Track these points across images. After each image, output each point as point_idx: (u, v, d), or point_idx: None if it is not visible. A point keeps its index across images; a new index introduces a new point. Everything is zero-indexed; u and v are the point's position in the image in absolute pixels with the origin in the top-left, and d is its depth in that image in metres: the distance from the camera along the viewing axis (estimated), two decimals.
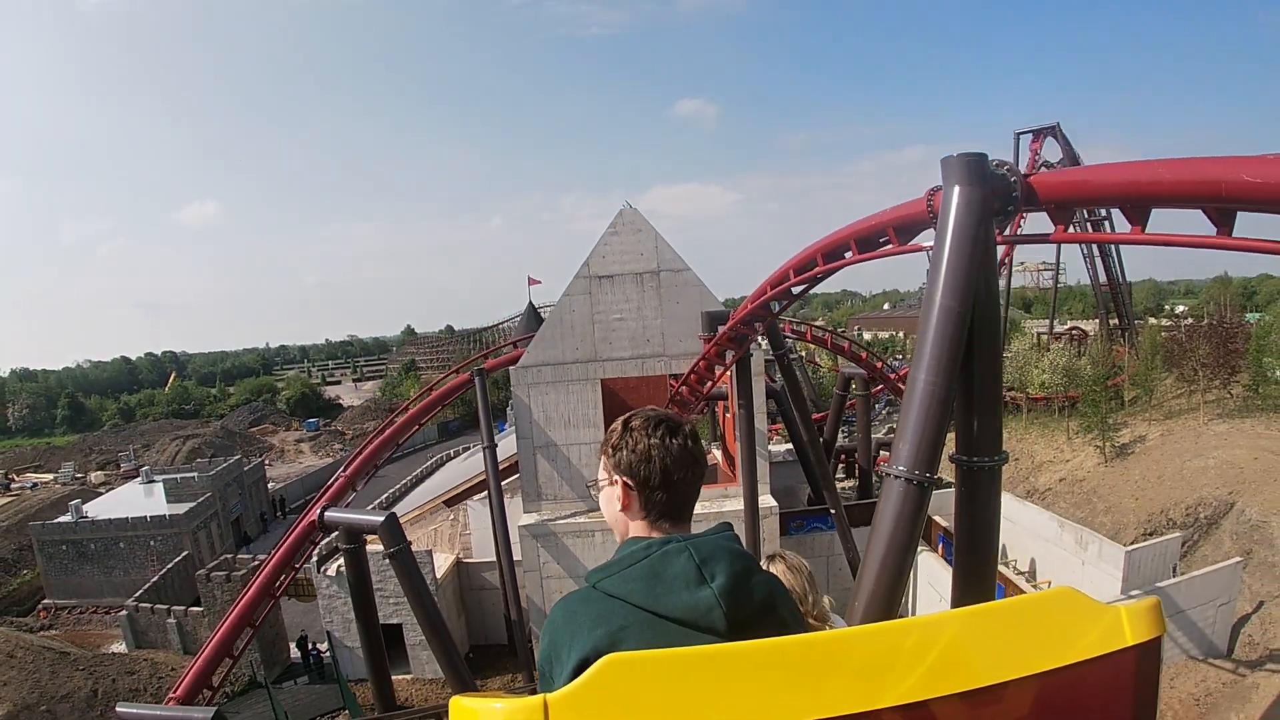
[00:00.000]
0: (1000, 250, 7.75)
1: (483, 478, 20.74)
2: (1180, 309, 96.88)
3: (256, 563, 21.25)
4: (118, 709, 11.68)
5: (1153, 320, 76.31)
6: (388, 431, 19.21)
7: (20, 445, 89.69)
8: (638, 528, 1.50)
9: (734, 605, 1.28)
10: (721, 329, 15.03)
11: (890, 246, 8.95)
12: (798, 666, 0.98)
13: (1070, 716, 1.08)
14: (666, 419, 1.53)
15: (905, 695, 0.96)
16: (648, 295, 17.95)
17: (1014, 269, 75.39)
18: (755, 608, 1.33)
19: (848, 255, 9.98)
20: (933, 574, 17.26)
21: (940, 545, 18.17)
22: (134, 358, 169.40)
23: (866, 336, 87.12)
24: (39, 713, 19.83)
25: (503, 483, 19.57)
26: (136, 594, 24.21)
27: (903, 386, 12.86)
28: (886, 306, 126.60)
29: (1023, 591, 16.06)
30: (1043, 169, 48.54)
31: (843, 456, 29.43)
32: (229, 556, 22.63)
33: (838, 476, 28.42)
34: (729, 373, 16.87)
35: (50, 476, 63.42)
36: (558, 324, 18.35)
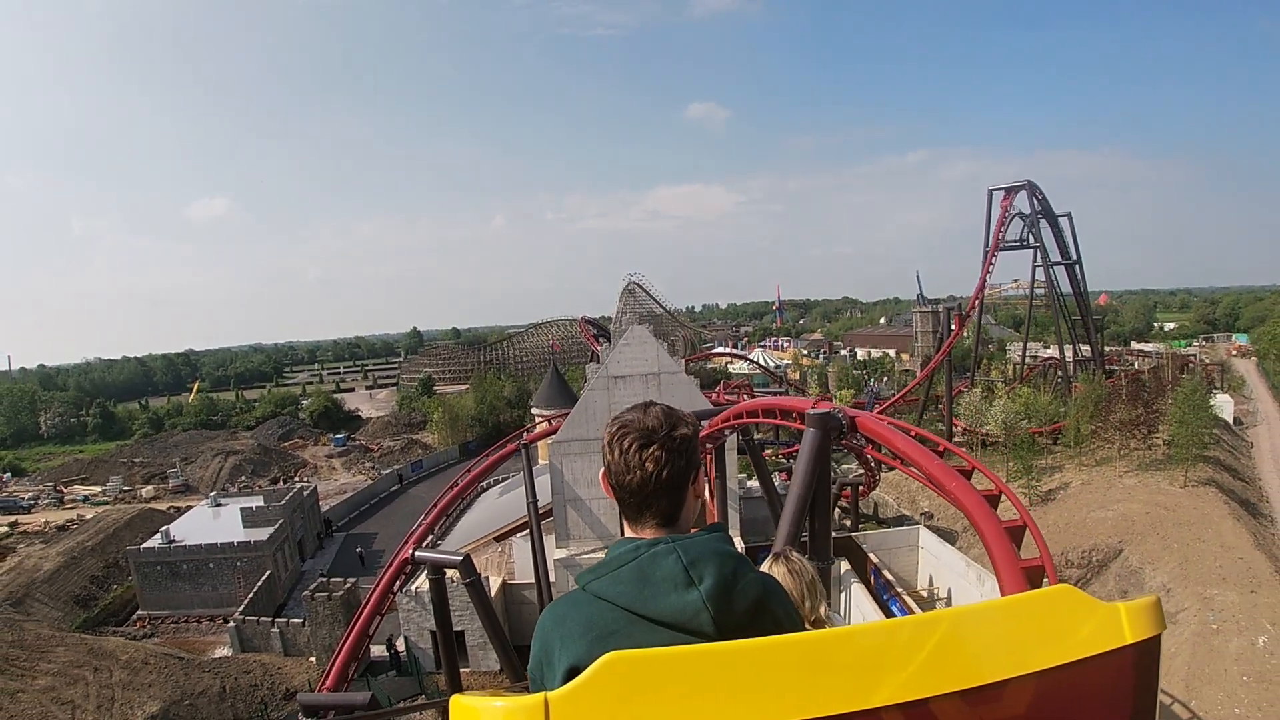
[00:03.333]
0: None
1: (524, 519, 27.40)
2: (1170, 326, 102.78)
3: (349, 585, 28.01)
4: (299, 697, 18.23)
5: (1135, 344, 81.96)
6: (455, 490, 25.86)
7: (53, 452, 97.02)
8: (627, 525, 1.61)
9: (721, 608, 1.33)
10: (704, 426, 21.54)
11: (796, 420, 15.49)
12: (796, 664, 1.01)
13: (1069, 714, 1.10)
14: (630, 427, 1.56)
15: (902, 693, 0.99)
16: (650, 390, 24.54)
17: (1009, 284, 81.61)
18: (744, 610, 1.37)
19: (776, 416, 16.49)
20: (860, 604, 23.61)
21: (872, 577, 24.59)
22: (144, 355, 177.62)
23: (860, 354, 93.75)
24: (184, 707, 26.62)
25: (541, 523, 26.34)
26: (241, 607, 31.02)
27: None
28: (883, 321, 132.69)
29: None
30: (1015, 219, 54.81)
31: None
32: (324, 579, 29.35)
33: None
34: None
35: (98, 489, 70.06)
36: (583, 410, 25.02)
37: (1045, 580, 10.30)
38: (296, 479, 66.03)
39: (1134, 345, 79.38)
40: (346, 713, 16.34)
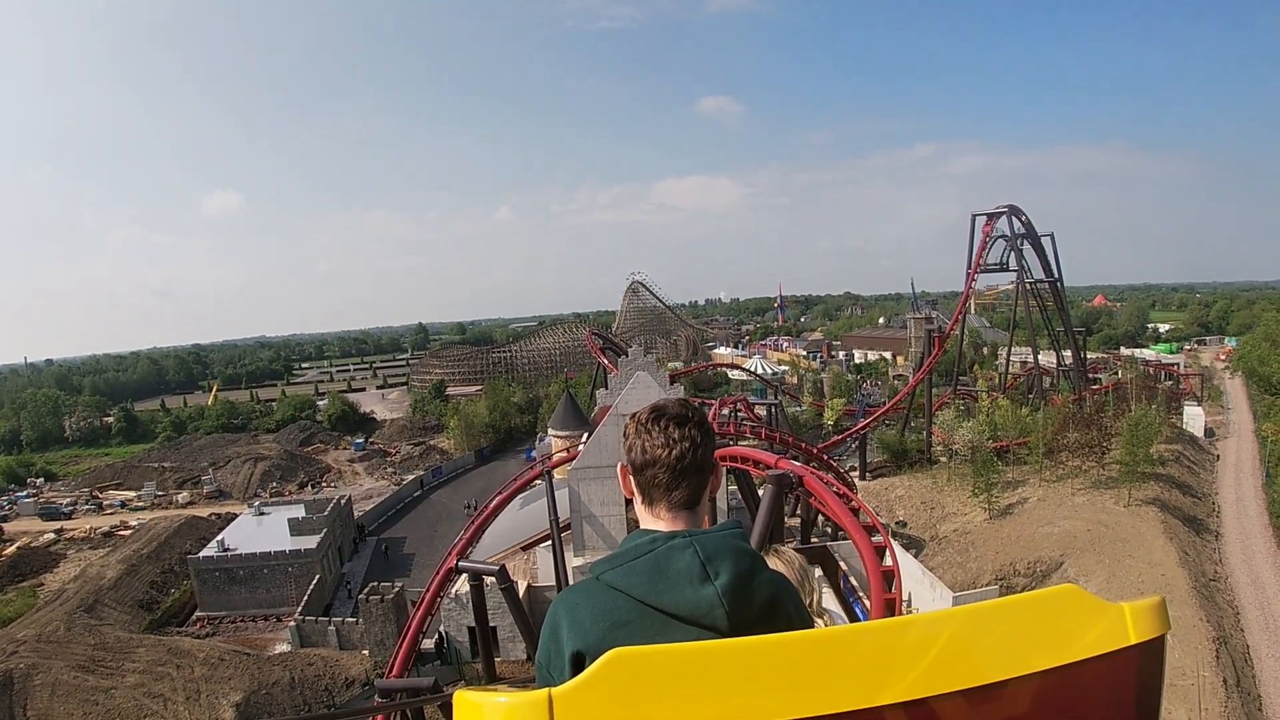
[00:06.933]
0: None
1: (546, 532, 32.76)
2: (1164, 328, 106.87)
3: (398, 588, 33.44)
4: (375, 683, 23.49)
5: (1125, 349, 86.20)
6: (488, 510, 31.30)
7: (79, 455, 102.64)
8: (643, 516, 1.64)
9: (736, 604, 1.37)
10: None
11: (762, 470, 20.66)
12: (801, 662, 1.04)
13: (1073, 715, 1.13)
14: (665, 409, 1.64)
15: (908, 692, 1.02)
16: None
17: (1008, 284, 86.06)
18: (759, 607, 1.41)
19: (751, 464, 21.62)
20: (829, 606, 28.81)
21: (842, 582, 29.78)
22: (153, 351, 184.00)
23: (857, 356, 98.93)
24: (261, 695, 32.07)
25: (561, 535, 31.71)
26: (299, 608, 36.53)
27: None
28: (881, 321, 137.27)
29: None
30: (999, 240, 59.48)
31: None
32: (375, 583, 34.79)
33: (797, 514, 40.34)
34: None
35: (134, 494, 75.31)
36: (596, 443, 30.35)
37: (912, 606, 15.25)
38: (323, 484, 71.72)
39: (1122, 351, 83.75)
40: (414, 694, 21.68)
